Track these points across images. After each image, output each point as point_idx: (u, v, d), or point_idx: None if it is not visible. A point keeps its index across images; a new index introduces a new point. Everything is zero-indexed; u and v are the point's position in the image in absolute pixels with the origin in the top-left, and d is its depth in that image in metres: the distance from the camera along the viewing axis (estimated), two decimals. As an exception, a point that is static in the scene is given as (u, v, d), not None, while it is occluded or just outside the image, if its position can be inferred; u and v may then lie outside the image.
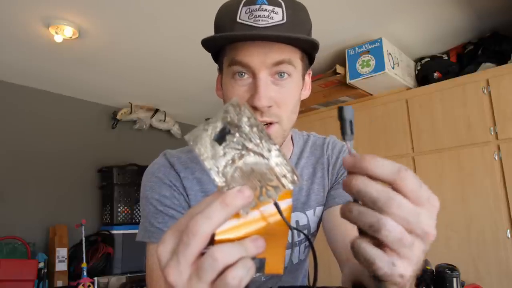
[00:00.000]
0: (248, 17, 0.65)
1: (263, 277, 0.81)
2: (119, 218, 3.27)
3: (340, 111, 0.38)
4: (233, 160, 0.34)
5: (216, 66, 0.78)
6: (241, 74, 0.67)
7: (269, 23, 0.65)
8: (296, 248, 0.84)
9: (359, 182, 0.33)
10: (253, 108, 0.66)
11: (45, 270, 2.75)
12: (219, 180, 0.34)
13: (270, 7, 0.66)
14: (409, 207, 0.32)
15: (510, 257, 2.17)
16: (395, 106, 2.72)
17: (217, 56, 0.75)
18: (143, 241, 0.77)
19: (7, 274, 2.52)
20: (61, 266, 2.87)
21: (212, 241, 0.33)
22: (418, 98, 2.64)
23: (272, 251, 0.36)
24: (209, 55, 0.76)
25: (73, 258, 2.99)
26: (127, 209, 3.32)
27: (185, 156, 0.81)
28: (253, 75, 0.67)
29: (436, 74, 2.67)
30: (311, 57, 0.76)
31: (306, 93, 0.80)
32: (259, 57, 0.65)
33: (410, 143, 2.63)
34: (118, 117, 3.61)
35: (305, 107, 3.05)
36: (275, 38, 0.64)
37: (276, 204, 0.35)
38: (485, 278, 2.22)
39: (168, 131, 4.03)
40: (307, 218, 0.84)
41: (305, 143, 0.89)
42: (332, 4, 2.20)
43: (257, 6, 0.66)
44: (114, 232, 3.18)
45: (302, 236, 0.83)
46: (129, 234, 3.18)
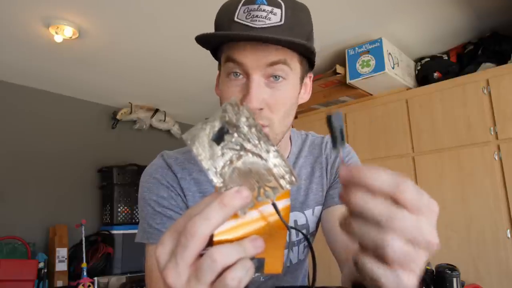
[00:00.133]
0: (246, 17, 0.64)
1: (262, 277, 0.81)
2: (119, 218, 3.27)
3: (329, 120, 0.35)
4: (231, 161, 0.34)
5: (216, 66, 0.77)
6: (236, 74, 0.67)
7: (266, 24, 0.64)
8: (295, 248, 0.84)
9: (359, 200, 0.32)
10: None
11: (45, 270, 2.75)
12: (217, 181, 0.34)
13: (269, 8, 0.64)
14: (412, 221, 0.31)
15: (510, 257, 2.17)
16: (395, 106, 2.72)
17: (216, 53, 0.74)
18: (142, 242, 0.77)
19: (7, 274, 2.52)
20: (61, 266, 2.87)
21: (211, 242, 0.33)
22: (418, 98, 2.63)
23: (271, 251, 0.36)
24: (209, 55, 0.75)
25: (73, 258, 2.99)
26: (127, 209, 3.32)
27: (183, 157, 0.80)
28: (247, 76, 0.66)
29: (436, 74, 2.66)
30: (311, 61, 0.74)
31: (306, 97, 0.79)
32: (253, 57, 0.64)
33: (410, 143, 2.62)
34: (118, 117, 3.61)
35: (305, 107, 3.05)
36: (266, 40, 0.62)
37: (274, 205, 0.35)
38: (485, 278, 2.22)
39: (168, 131, 4.03)
40: (306, 218, 0.83)
41: (304, 143, 0.89)
42: (332, 4, 2.20)
43: (256, 6, 0.65)
44: (114, 232, 3.19)
45: (301, 236, 0.83)
46: (129, 234, 3.17)
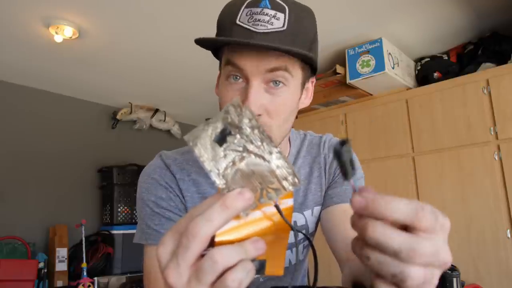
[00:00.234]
0: (248, 20, 0.63)
1: (262, 278, 0.81)
2: (119, 218, 3.27)
3: (338, 153, 0.33)
4: (234, 162, 0.34)
5: (217, 66, 0.76)
6: (236, 78, 0.66)
7: (268, 29, 0.62)
8: (295, 249, 0.84)
9: (378, 234, 0.31)
10: None
11: (45, 270, 2.75)
12: (220, 182, 0.34)
13: (272, 12, 0.63)
14: (430, 247, 0.31)
15: (510, 257, 2.17)
16: (395, 106, 2.72)
17: (217, 53, 0.73)
18: (140, 243, 0.77)
19: (7, 274, 2.52)
20: (61, 266, 2.87)
21: (212, 243, 0.33)
22: (418, 98, 2.63)
23: (273, 253, 0.35)
24: (209, 56, 0.75)
25: (73, 258, 2.99)
26: (127, 209, 3.32)
27: (181, 158, 0.80)
28: (247, 80, 0.65)
29: (436, 74, 2.66)
30: (313, 66, 0.72)
31: (307, 102, 0.78)
32: (253, 62, 0.63)
33: (410, 143, 2.62)
34: (118, 117, 3.61)
35: (305, 107, 3.04)
36: (264, 48, 0.60)
37: (277, 206, 0.35)
38: (485, 278, 2.22)
39: (168, 131, 4.03)
40: (305, 219, 0.83)
41: (302, 143, 0.89)
42: (332, 4, 2.20)
43: (259, 9, 0.63)
44: (114, 232, 3.19)
45: (301, 236, 0.83)
46: (129, 234, 3.17)
